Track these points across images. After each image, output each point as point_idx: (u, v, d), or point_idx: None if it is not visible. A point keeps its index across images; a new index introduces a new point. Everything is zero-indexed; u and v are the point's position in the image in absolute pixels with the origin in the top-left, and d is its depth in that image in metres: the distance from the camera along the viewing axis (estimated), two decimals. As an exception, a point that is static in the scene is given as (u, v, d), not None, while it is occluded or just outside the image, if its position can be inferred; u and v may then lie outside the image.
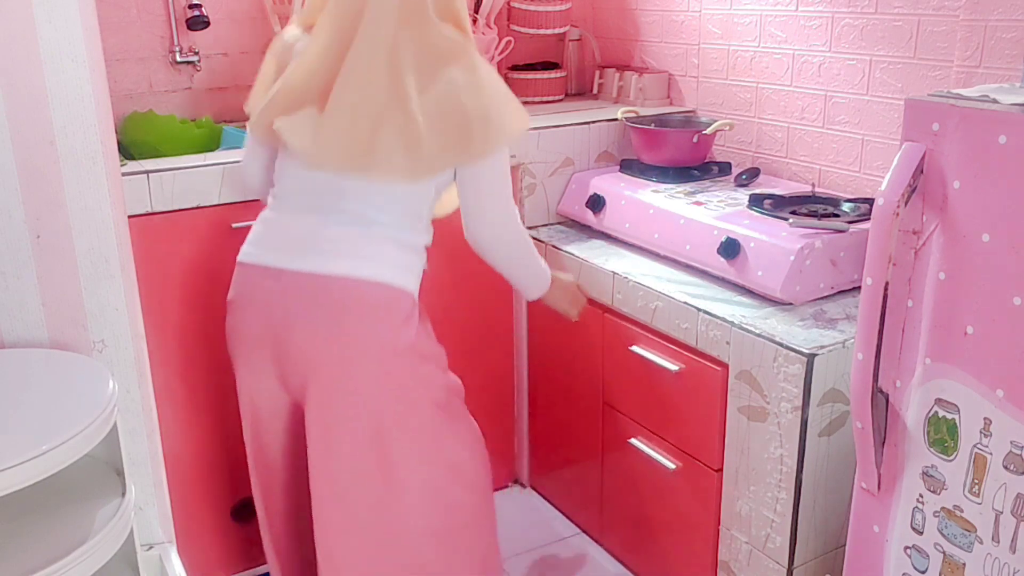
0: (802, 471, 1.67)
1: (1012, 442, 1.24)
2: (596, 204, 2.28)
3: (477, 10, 2.62)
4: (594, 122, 2.44)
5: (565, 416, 2.36)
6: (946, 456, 1.34)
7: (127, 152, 2.19)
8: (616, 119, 2.44)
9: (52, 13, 1.46)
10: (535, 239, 2.32)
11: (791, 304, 1.81)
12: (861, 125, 2.11)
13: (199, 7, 2.35)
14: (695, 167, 2.34)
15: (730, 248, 1.87)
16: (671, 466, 1.97)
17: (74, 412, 1.31)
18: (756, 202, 2.01)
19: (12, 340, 1.56)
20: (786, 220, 1.88)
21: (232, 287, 1.67)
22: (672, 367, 1.91)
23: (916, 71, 1.97)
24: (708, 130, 2.29)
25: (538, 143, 2.34)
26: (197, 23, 2.36)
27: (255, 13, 2.50)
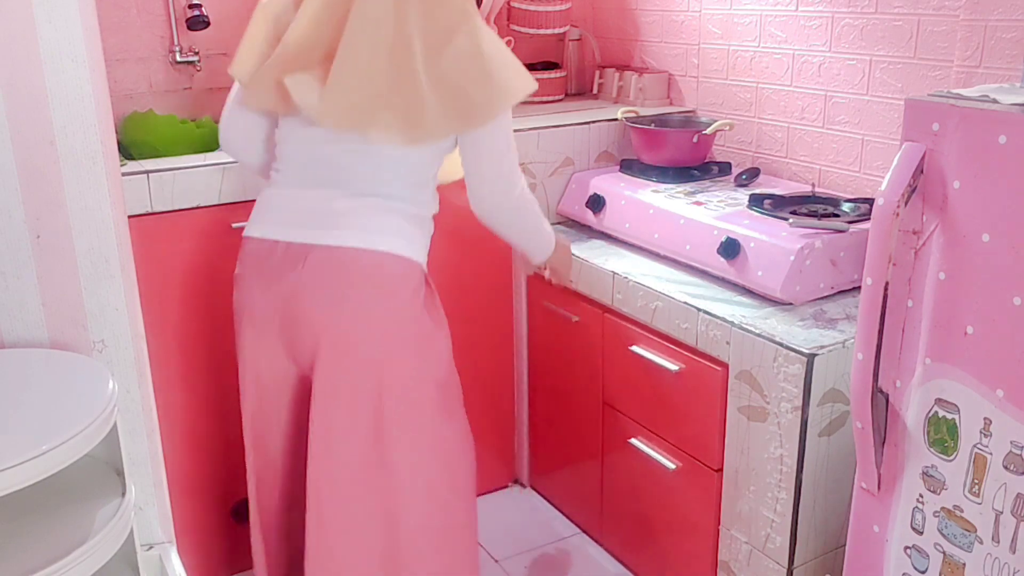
0: (802, 471, 1.67)
1: (1012, 442, 1.24)
2: (596, 204, 2.28)
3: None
4: (594, 122, 2.44)
5: (565, 416, 2.37)
6: (946, 456, 1.34)
7: (127, 152, 2.19)
8: (616, 119, 2.44)
9: (52, 13, 1.46)
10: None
11: (791, 304, 1.81)
12: (861, 125, 2.11)
13: (199, 7, 2.35)
14: (695, 167, 2.35)
15: (730, 248, 1.87)
16: (671, 466, 1.97)
17: (74, 412, 1.31)
18: (756, 202, 2.01)
19: (12, 340, 1.56)
20: (786, 220, 1.88)
21: (239, 263, 1.67)
22: (672, 367, 1.91)
23: (916, 71, 1.97)
24: (708, 130, 2.29)
25: (538, 143, 2.34)
26: (197, 23, 2.36)
27: (255, 13, 2.50)
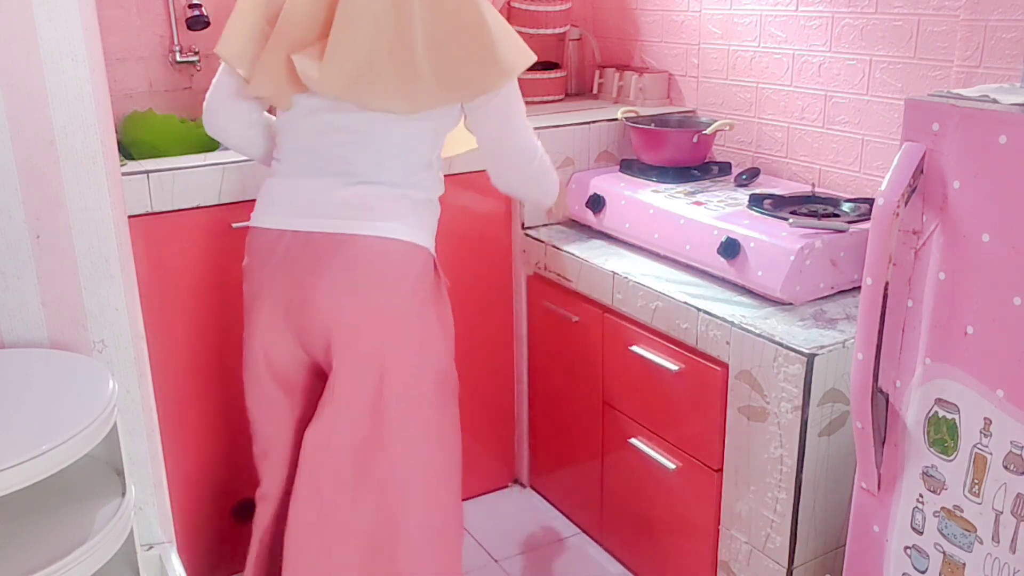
0: (802, 471, 1.67)
1: (1012, 442, 1.24)
2: (596, 204, 2.28)
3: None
4: (594, 122, 2.44)
5: (565, 416, 2.37)
6: (946, 456, 1.34)
7: (127, 152, 2.19)
8: (616, 119, 2.44)
9: (52, 13, 1.46)
10: (535, 239, 2.33)
11: (791, 304, 1.81)
12: (861, 125, 2.11)
13: (199, 7, 2.35)
14: (695, 167, 2.34)
15: (730, 248, 1.87)
16: (671, 466, 1.97)
17: (74, 412, 1.31)
18: (756, 202, 2.01)
19: (12, 340, 1.56)
20: (786, 220, 1.88)
21: (247, 253, 1.68)
22: (672, 367, 1.91)
23: (916, 71, 1.97)
24: (708, 130, 2.29)
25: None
26: (197, 23, 2.36)
27: (255, 13, 2.50)
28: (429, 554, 1.77)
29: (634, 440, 2.08)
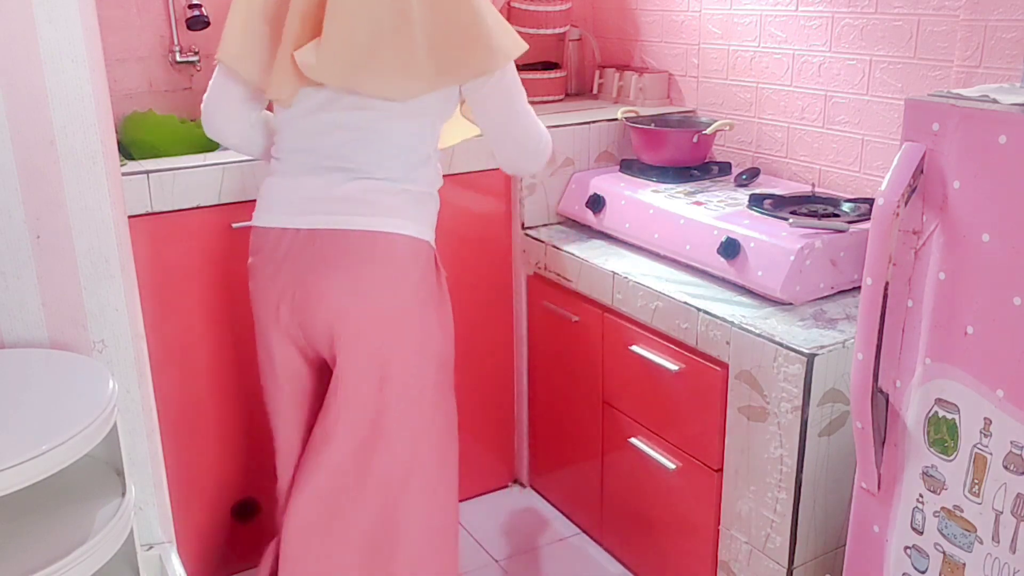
0: (802, 471, 1.67)
1: (1012, 442, 1.24)
2: (596, 204, 2.28)
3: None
4: (594, 122, 2.44)
5: (565, 416, 2.37)
6: (946, 456, 1.34)
7: (127, 152, 2.19)
8: (616, 119, 2.44)
9: (52, 13, 1.46)
10: (535, 239, 2.33)
11: (791, 304, 1.81)
12: (861, 125, 2.11)
13: (199, 7, 2.35)
14: (695, 167, 2.34)
15: (730, 248, 1.87)
16: (671, 466, 1.97)
17: (74, 412, 1.31)
18: (756, 202, 2.01)
19: (12, 340, 1.56)
20: (786, 220, 1.88)
21: (251, 252, 1.68)
22: (672, 367, 1.91)
23: (916, 71, 1.97)
24: (708, 130, 2.29)
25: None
26: (197, 23, 2.36)
27: (255, 13, 2.50)
28: (428, 554, 1.77)
29: (634, 440, 2.08)
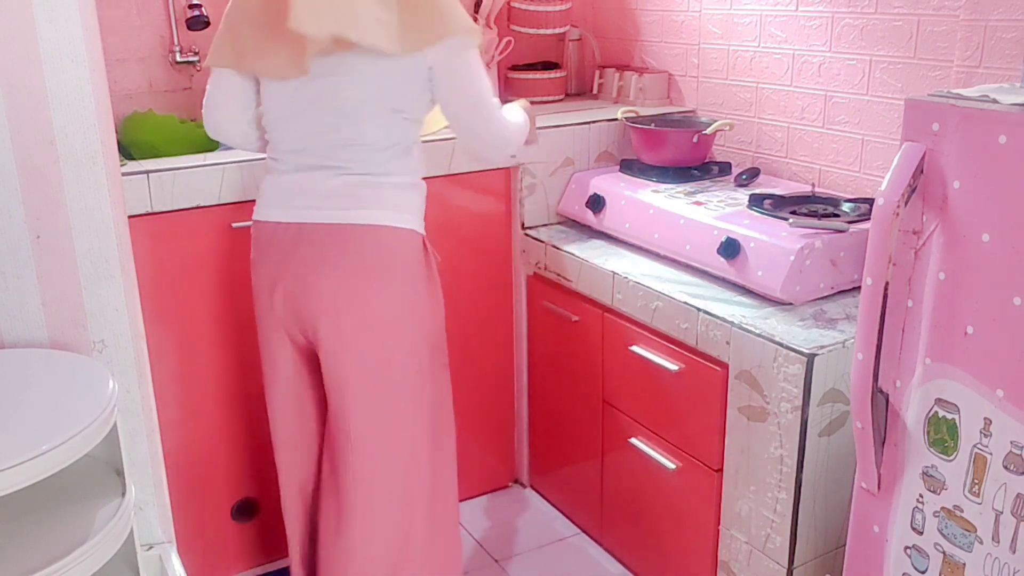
0: (802, 471, 1.67)
1: (1012, 442, 1.24)
2: (596, 204, 2.28)
3: (477, 10, 2.62)
4: (594, 122, 2.44)
5: (565, 416, 2.36)
6: (946, 456, 1.34)
7: (127, 152, 2.19)
8: (616, 119, 2.44)
9: (52, 13, 1.46)
10: (535, 239, 2.33)
11: (791, 304, 1.81)
12: (861, 125, 2.11)
13: (199, 7, 2.35)
14: (695, 167, 2.34)
15: (730, 248, 1.87)
16: (671, 466, 1.97)
17: (74, 412, 1.31)
18: (756, 202, 2.01)
19: (12, 340, 1.56)
20: (786, 220, 1.88)
21: (252, 247, 1.74)
22: (672, 367, 1.91)
23: (916, 71, 1.97)
24: (708, 130, 2.29)
25: (538, 143, 2.33)
26: (197, 23, 2.36)
27: (255, 13, 2.50)
28: (428, 553, 1.80)
29: (634, 440, 2.08)
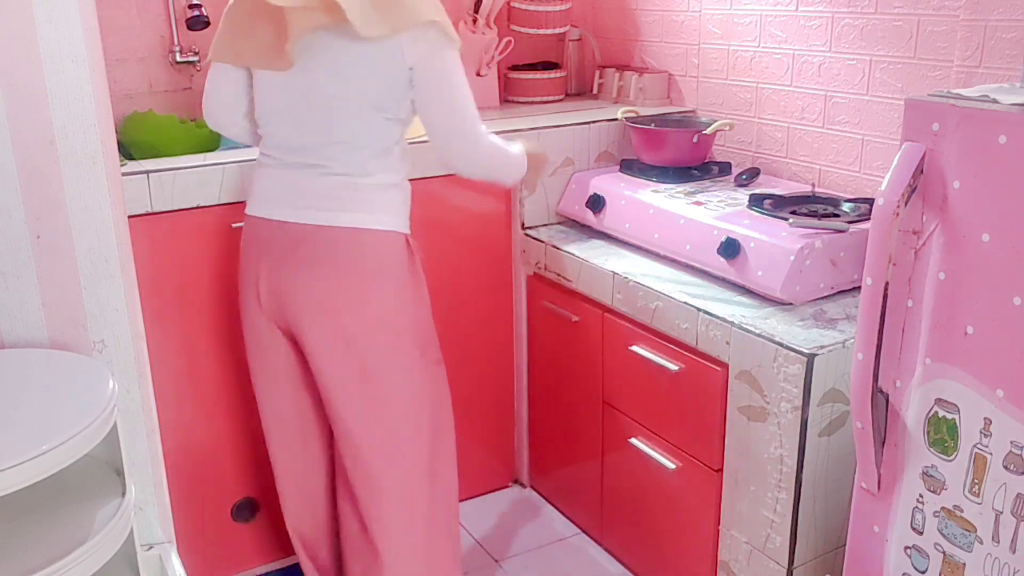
0: (802, 471, 1.67)
1: (1012, 442, 1.24)
2: (596, 204, 2.28)
3: (477, 10, 2.62)
4: (594, 122, 2.44)
5: (565, 416, 2.36)
6: (946, 456, 1.34)
7: (127, 152, 2.19)
8: (616, 119, 2.44)
9: (52, 13, 1.46)
10: (535, 239, 2.33)
11: (791, 304, 1.81)
12: (861, 125, 2.11)
13: (199, 7, 2.35)
14: (695, 167, 2.34)
15: (730, 248, 1.87)
16: (671, 466, 1.97)
17: (74, 412, 1.31)
18: (756, 202, 2.01)
19: (12, 340, 1.56)
20: (786, 220, 1.88)
21: (242, 239, 1.77)
22: (672, 367, 1.91)
23: (916, 71, 1.97)
24: (708, 130, 2.29)
25: (538, 143, 2.34)
26: (197, 23, 2.36)
27: (255, 13, 2.50)
28: (431, 549, 1.82)
29: (634, 440, 2.08)
